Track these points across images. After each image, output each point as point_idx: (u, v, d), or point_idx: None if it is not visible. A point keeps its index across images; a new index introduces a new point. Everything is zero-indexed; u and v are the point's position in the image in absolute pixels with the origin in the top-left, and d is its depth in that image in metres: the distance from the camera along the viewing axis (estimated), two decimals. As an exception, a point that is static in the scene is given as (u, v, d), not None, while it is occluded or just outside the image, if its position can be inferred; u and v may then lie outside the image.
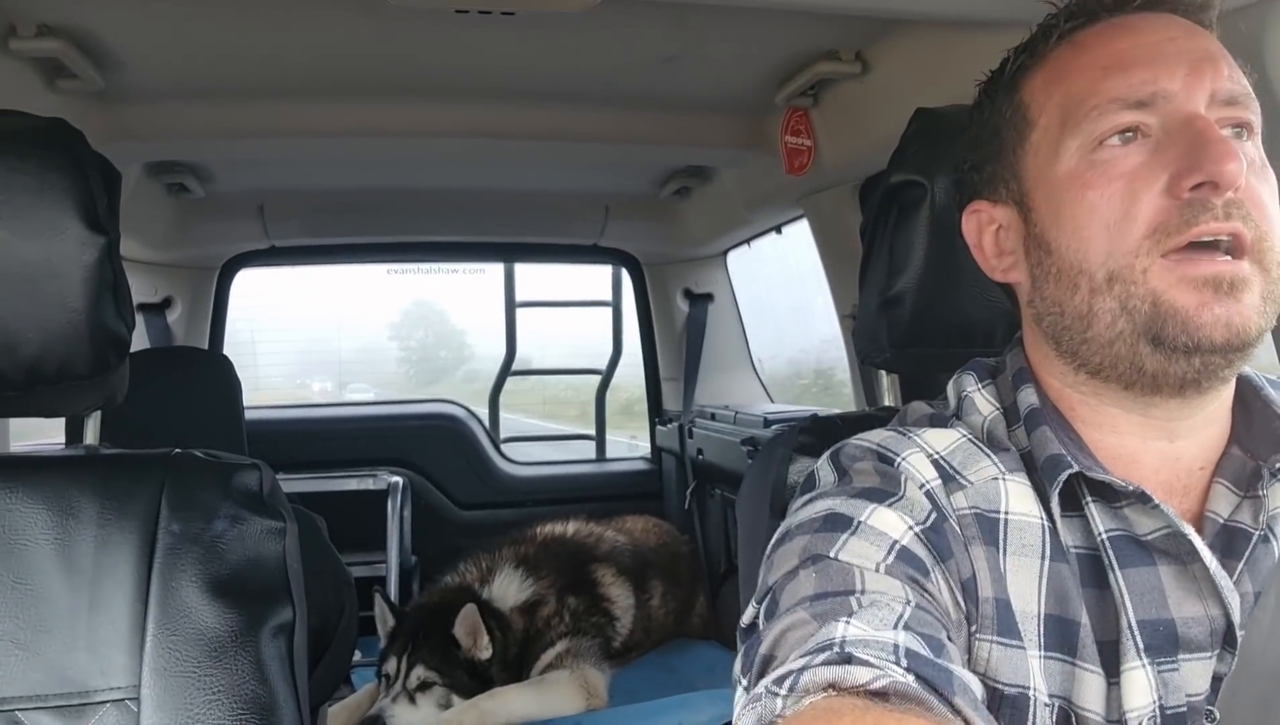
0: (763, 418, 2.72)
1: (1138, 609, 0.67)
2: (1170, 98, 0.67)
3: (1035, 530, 0.71)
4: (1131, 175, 0.67)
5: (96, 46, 1.64)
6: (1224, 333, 0.65)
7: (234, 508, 0.94)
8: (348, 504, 2.89)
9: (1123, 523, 0.70)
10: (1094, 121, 0.69)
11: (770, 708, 0.53)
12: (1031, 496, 0.72)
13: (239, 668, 0.88)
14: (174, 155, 2.33)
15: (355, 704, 2.46)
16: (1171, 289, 0.65)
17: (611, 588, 2.79)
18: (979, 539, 0.70)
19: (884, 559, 0.66)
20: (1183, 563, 0.68)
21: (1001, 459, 0.74)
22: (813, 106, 1.98)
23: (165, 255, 2.93)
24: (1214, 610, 0.67)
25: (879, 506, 0.70)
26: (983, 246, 0.80)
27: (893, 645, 0.56)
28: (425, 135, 2.12)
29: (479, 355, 9.32)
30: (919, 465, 0.74)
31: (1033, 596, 0.69)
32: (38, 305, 0.90)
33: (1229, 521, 0.69)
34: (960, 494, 0.72)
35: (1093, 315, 0.69)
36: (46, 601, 0.88)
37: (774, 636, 0.61)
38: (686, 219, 3.09)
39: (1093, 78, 0.70)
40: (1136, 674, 0.65)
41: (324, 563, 1.46)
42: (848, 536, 0.67)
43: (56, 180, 0.90)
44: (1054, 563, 0.69)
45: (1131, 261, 0.67)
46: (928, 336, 1.06)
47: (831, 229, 2.23)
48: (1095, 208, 0.68)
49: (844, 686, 0.52)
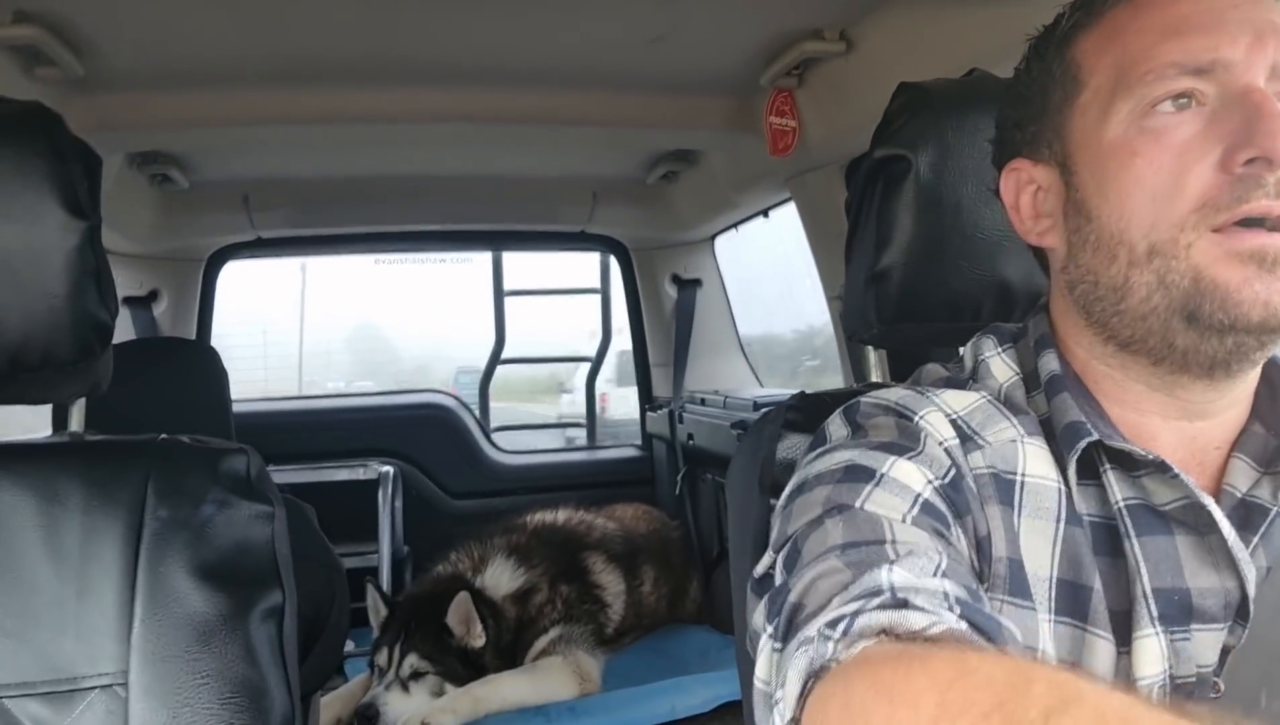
0: (752, 401, 2.73)
1: (1153, 577, 0.66)
2: (1229, 67, 0.65)
3: (1051, 493, 0.70)
4: (1183, 146, 0.65)
5: (74, 33, 1.62)
6: (1261, 312, 0.63)
7: (221, 492, 0.93)
8: (339, 495, 2.88)
9: (1141, 492, 0.69)
10: (1149, 86, 0.66)
11: (822, 652, 0.52)
12: (1049, 460, 0.71)
13: (228, 652, 0.88)
14: (156, 145, 2.31)
15: (348, 694, 2.47)
16: (1215, 264, 0.64)
17: (603, 575, 2.80)
18: (994, 499, 0.70)
19: (909, 510, 0.64)
20: (1200, 533, 0.67)
21: (1021, 422, 0.73)
22: (798, 87, 1.97)
23: (150, 248, 2.91)
24: (1229, 582, 0.66)
25: (899, 459, 0.68)
26: (1019, 207, 0.77)
27: (942, 593, 0.55)
28: (410, 120, 2.11)
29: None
30: (937, 423, 0.73)
31: (1046, 559, 0.68)
32: (19, 292, 0.89)
33: (1247, 496, 0.69)
34: (978, 454, 0.71)
35: (1128, 287, 0.68)
36: (33, 589, 0.87)
37: (804, 584, 0.59)
38: (674, 204, 3.08)
39: (1150, 40, 0.67)
40: (1150, 642, 0.64)
41: (315, 551, 1.45)
42: (871, 487, 0.66)
43: (36, 165, 0.89)
44: (1069, 526, 0.69)
45: (1176, 235, 0.65)
46: (915, 311, 1.06)
47: (819, 210, 2.23)
48: (1142, 177, 0.66)
49: (898, 632, 0.51)
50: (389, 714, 2.26)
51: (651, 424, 3.51)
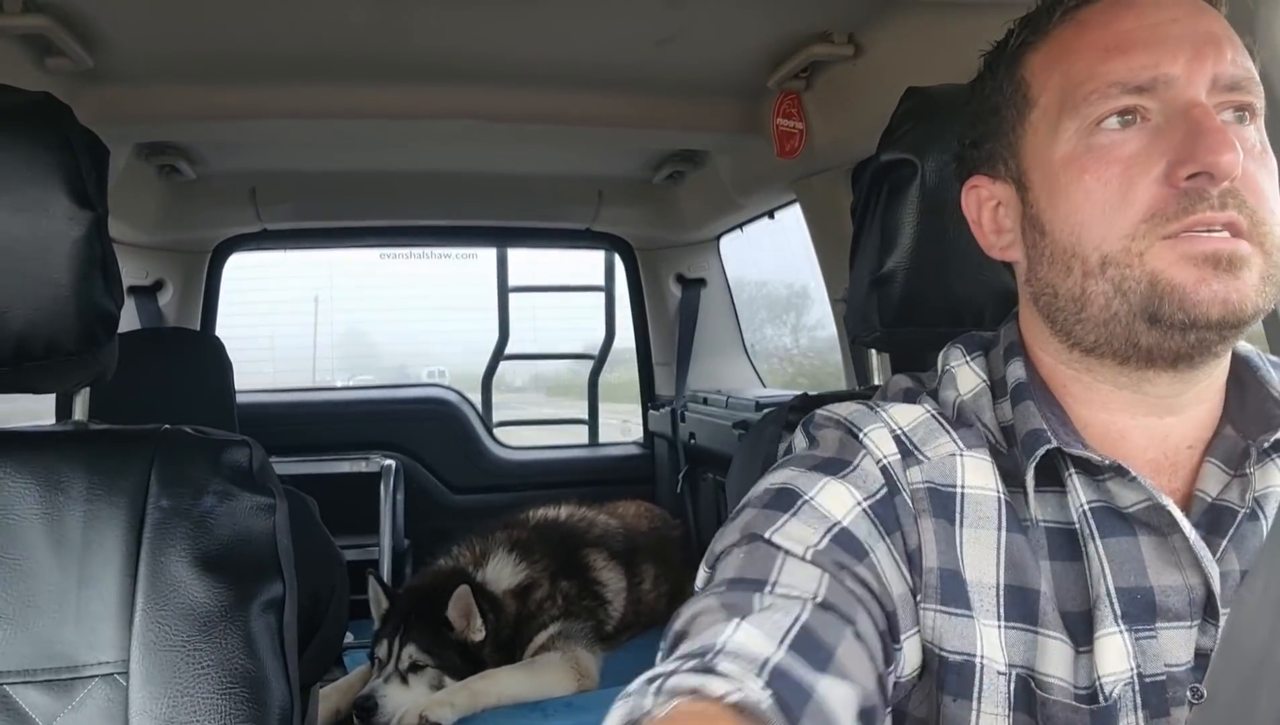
0: (754, 402, 2.73)
1: (1117, 578, 0.67)
2: (1171, 83, 0.66)
3: (991, 503, 0.72)
4: (1129, 161, 0.67)
5: (84, 24, 1.63)
6: (1220, 310, 0.64)
7: (223, 484, 0.94)
8: (340, 487, 2.88)
9: (1105, 494, 0.70)
10: (1093, 104, 0.68)
11: (640, 705, 0.55)
12: (989, 471, 0.73)
13: (228, 642, 0.88)
14: (165, 136, 2.32)
15: (347, 685, 2.47)
16: (1171, 267, 0.65)
17: (603, 571, 2.80)
18: (929, 512, 0.72)
19: (818, 543, 0.67)
20: (1163, 534, 0.69)
21: (962, 436, 0.75)
22: (805, 90, 1.97)
23: (156, 238, 2.92)
24: (1193, 580, 0.67)
25: (831, 479, 0.71)
26: (981, 223, 0.80)
27: (761, 660, 0.57)
28: (418, 117, 2.11)
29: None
30: (880, 440, 0.75)
31: (991, 567, 0.70)
32: (25, 281, 0.90)
33: (1216, 500, 0.70)
34: (916, 469, 0.74)
35: (1086, 298, 0.69)
36: (35, 576, 0.88)
37: (688, 616, 0.63)
38: (679, 204, 3.08)
39: (1093, 59, 0.69)
40: (1113, 640, 0.66)
41: (316, 542, 1.46)
42: (788, 517, 0.69)
43: (44, 155, 0.90)
44: (1010, 533, 0.71)
45: (1127, 245, 0.66)
46: (918, 315, 1.06)
47: (824, 213, 2.23)
48: (1091, 192, 0.68)
49: (705, 695, 0.54)
50: (387, 706, 2.26)
51: (654, 422, 3.52)
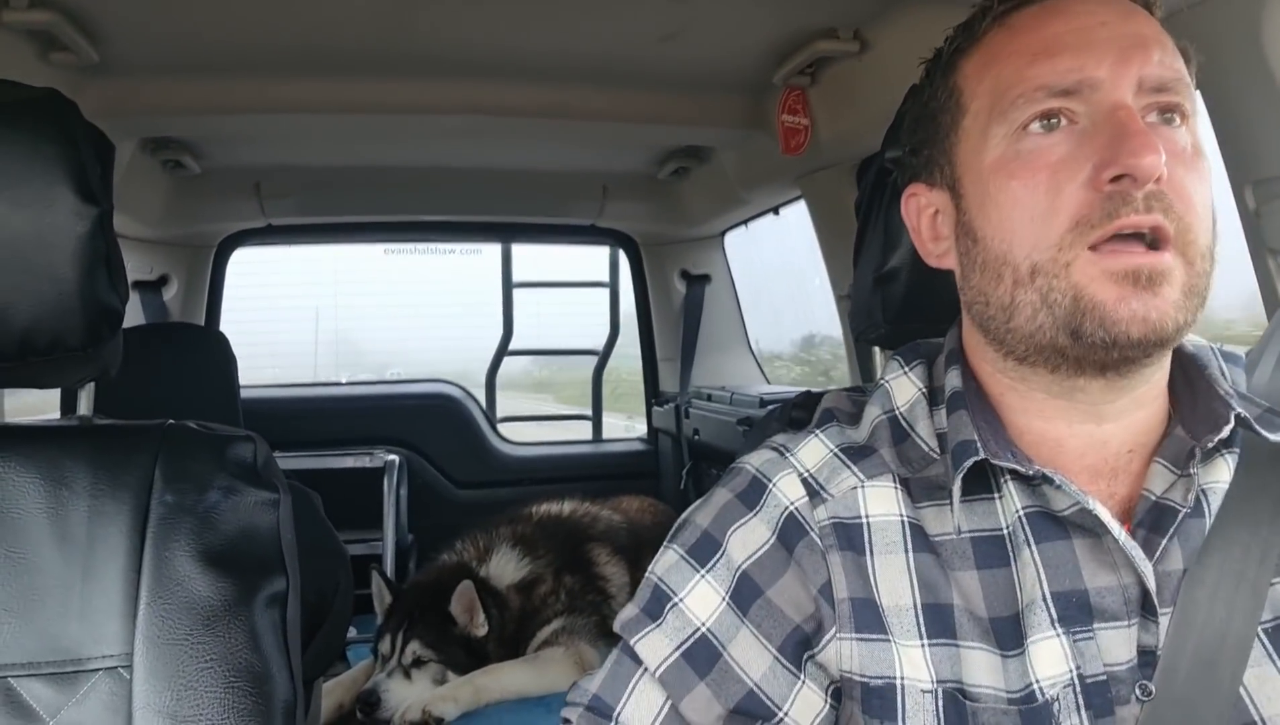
0: (758, 398, 2.73)
1: (1051, 581, 0.68)
2: (1097, 86, 0.66)
3: (895, 528, 0.73)
4: (1056, 166, 0.67)
5: (89, 19, 1.63)
6: (1140, 328, 0.64)
7: (228, 479, 0.94)
8: (344, 482, 2.88)
9: (1040, 499, 0.71)
10: (1019, 109, 0.68)
11: None
12: (892, 498, 0.74)
13: (232, 637, 0.88)
14: (169, 131, 2.32)
15: (351, 680, 2.47)
16: (1092, 283, 0.65)
17: (607, 567, 2.79)
18: (837, 547, 0.73)
19: (669, 656, 0.72)
20: (1096, 535, 0.69)
21: (863, 467, 0.76)
22: (810, 86, 1.97)
23: (161, 232, 2.92)
24: (1128, 579, 0.68)
25: (736, 531, 0.75)
26: (920, 230, 0.80)
27: None
28: (422, 111, 2.11)
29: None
30: (788, 488, 0.76)
31: (905, 589, 0.71)
32: (29, 276, 0.90)
33: (1160, 499, 0.70)
34: (822, 508, 0.75)
35: (1015, 307, 0.69)
36: (39, 570, 0.88)
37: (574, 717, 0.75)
38: (684, 200, 3.08)
39: (1021, 63, 0.69)
40: (1049, 643, 0.66)
41: (320, 537, 1.46)
42: (651, 629, 0.74)
43: (49, 150, 0.90)
44: (918, 554, 0.72)
45: (1055, 254, 0.66)
46: (921, 312, 1.06)
47: (829, 209, 2.23)
48: (1020, 198, 0.68)
49: None
50: (390, 701, 2.26)
51: (658, 418, 3.52)
